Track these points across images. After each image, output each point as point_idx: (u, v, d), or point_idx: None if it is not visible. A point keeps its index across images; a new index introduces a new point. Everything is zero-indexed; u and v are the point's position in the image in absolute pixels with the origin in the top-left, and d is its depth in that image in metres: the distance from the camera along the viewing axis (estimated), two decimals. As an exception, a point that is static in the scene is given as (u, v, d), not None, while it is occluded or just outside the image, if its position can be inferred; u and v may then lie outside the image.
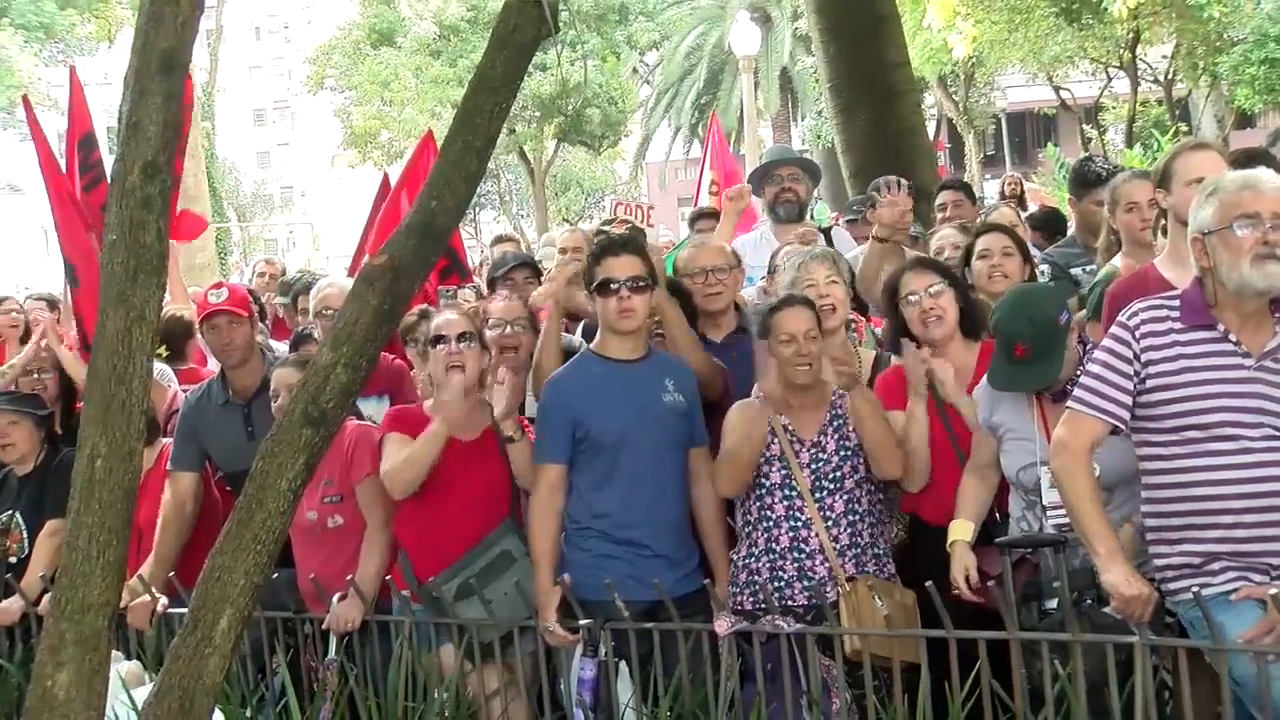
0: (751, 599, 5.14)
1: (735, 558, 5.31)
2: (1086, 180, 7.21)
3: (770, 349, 5.28)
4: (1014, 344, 4.74)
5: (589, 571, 5.19)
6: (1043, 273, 6.37)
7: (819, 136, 33.71)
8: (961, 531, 4.97)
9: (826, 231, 7.94)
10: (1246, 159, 5.42)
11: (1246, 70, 29.10)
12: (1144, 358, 4.12)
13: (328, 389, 3.82)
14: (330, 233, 55.37)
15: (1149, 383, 4.12)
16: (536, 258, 8.43)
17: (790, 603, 5.05)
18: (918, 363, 5.26)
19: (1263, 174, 4.21)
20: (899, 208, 6.28)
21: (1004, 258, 5.90)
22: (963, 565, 4.88)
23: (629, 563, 5.20)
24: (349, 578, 5.56)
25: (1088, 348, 4.74)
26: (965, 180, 10.88)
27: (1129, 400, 4.14)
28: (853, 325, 6.11)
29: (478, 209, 49.77)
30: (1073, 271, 6.61)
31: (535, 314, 6.20)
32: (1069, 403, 4.26)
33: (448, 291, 7.05)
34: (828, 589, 5.04)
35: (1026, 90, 43.71)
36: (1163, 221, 5.27)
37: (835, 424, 5.26)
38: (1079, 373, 4.40)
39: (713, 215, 9.27)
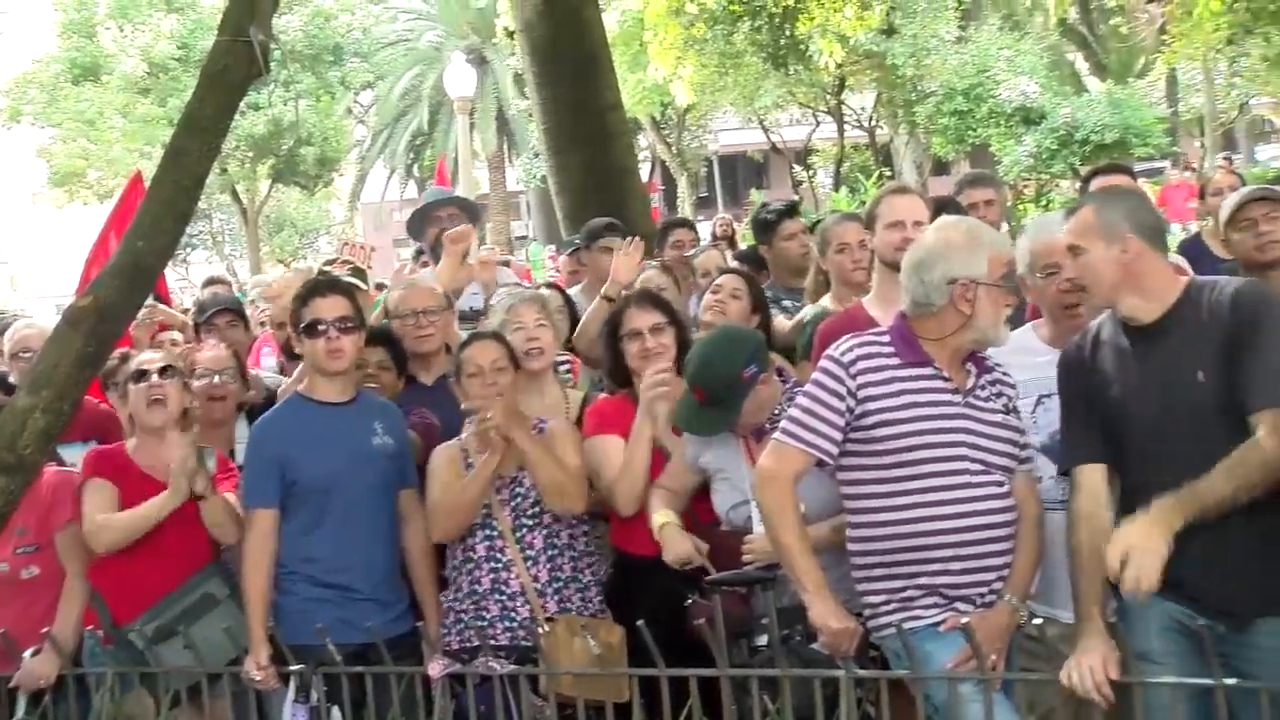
0: (460, 640, 5.11)
1: (445, 599, 5.28)
2: (764, 226, 7.49)
3: (460, 385, 5.29)
4: (697, 388, 4.83)
5: (299, 616, 5.08)
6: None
7: (534, 177, 33.89)
8: (665, 516, 5.00)
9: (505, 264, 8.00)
10: (937, 207, 5.66)
11: (940, 120, 30.57)
12: (860, 394, 4.18)
13: (25, 434, 3.67)
14: (32, 273, 53.18)
15: (869, 418, 4.18)
16: (250, 298, 8.27)
17: (494, 642, 5.01)
18: (652, 387, 5.28)
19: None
20: (634, 263, 6.39)
21: (731, 299, 5.99)
22: (678, 544, 4.91)
23: (339, 606, 5.11)
24: (44, 631, 5.29)
25: (790, 386, 4.87)
26: (688, 220, 11.12)
27: (838, 435, 4.20)
28: (567, 366, 6.13)
29: (189, 249, 48.43)
30: (784, 304, 6.76)
31: (242, 360, 6.07)
32: (775, 434, 4.31)
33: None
34: (532, 630, 5.02)
35: (738, 133, 44.80)
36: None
37: None
38: (780, 407, 4.49)
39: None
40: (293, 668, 4.98)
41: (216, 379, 5.93)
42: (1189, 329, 3.93)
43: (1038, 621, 3.95)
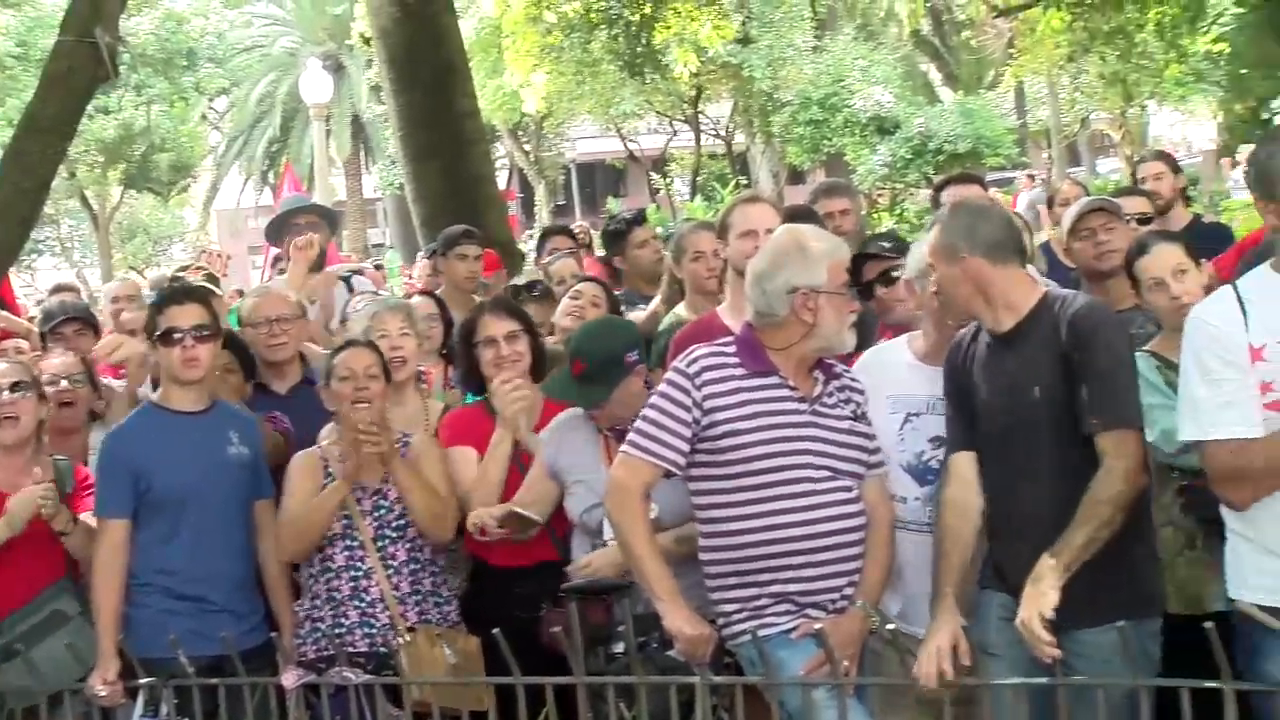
0: (315, 649, 5.06)
1: (299, 609, 5.23)
2: (615, 236, 7.57)
3: (330, 391, 5.23)
4: (576, 359, 4.85)
5: (151, 628, 4.98)
6: None
7: (391, 183, 33.63)
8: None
9: (347, 279, 7.93)
10: (792, 216, 5.72)
11: (795, 129, 30.92)
12: (706, 405, 4.20)
13: None
14: None
15: (715, 429, 4.21)
16: (99, 306, 8.11)
17: (352, 649, 4.97)
18: (507, 396, 5.27)
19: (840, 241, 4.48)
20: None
21: (591, 306, 6.07)
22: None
23: (193, 617, 5.02)
24: None
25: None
26: (567, 228, 11.17)
27: (685, 446, 4.22)
28: (422, 377, 6.11)
29: (35, 255, 47.22)
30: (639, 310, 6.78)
31: (92, 367, 5.95)
32: (624, 446, 4.33)
33: None
34: (391, 638, 5.00)
35: (596, 141, 44.82)
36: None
37: None
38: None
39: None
40: (141, 681, 4.90)
41: (64, 384, 5.81)
42: (1035, 342, 4.07)
43: (890, 626, 4.02)
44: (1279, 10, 10.77)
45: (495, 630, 4.37)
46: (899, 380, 4.58)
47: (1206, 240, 6.69)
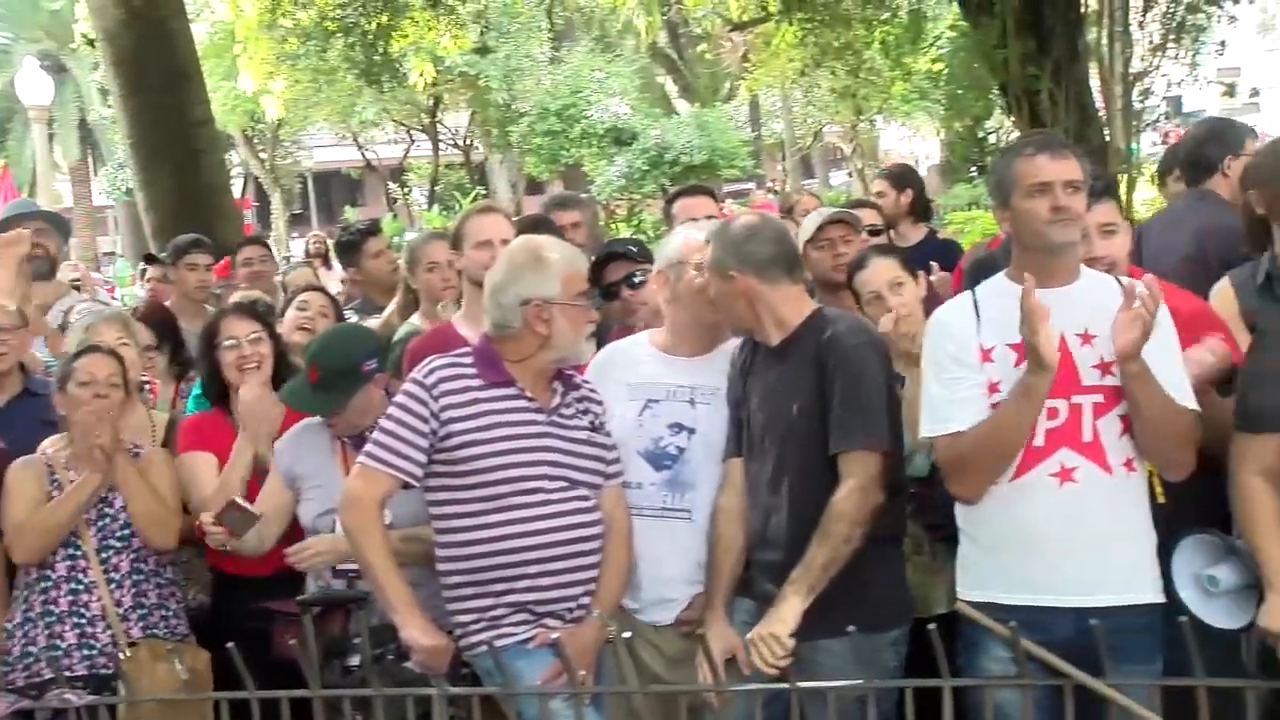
0: (28, 675, 4.89)
1: (9, 625, 5.02)
2: (349, 247, 7.52)
3: (66, 397, 5.08)
4: (312, 367, 4.80)
5: None
6: None
7: (121, 189, 32.58)
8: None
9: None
10: (531, 226, 5.76)
11: (533, 140, 31.03)
12: (443, 415, 4.19)
13: None
14: None
15: (451, 439, 4.20)
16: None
17: (70, 673, 4.82)
18: (256, 401, 5.19)
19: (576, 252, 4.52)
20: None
21: (319, 316, 6.00)
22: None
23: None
24: None
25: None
26: (265, 238, 11.01)
27: (422, 457, 4.20)
28: (146, 387, 5.95)
29: None
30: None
31: None
32: (360, 457, 4.31)
33: None
34: (114, 656, 4.86)
35: (334, 150, 44.20)
36: None
37: None
38: None
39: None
40: None
41: None
42: (799, 358, 4.19)
43: (628, 635, 4.08)
44: (987, 36, 11.24)
45: (230, 644, 4.30)
46: (639, 370, 4.63)
47: (939, 255, 6.97)
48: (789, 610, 3.95)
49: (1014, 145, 4.13)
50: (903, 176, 8.10)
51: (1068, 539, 3.73)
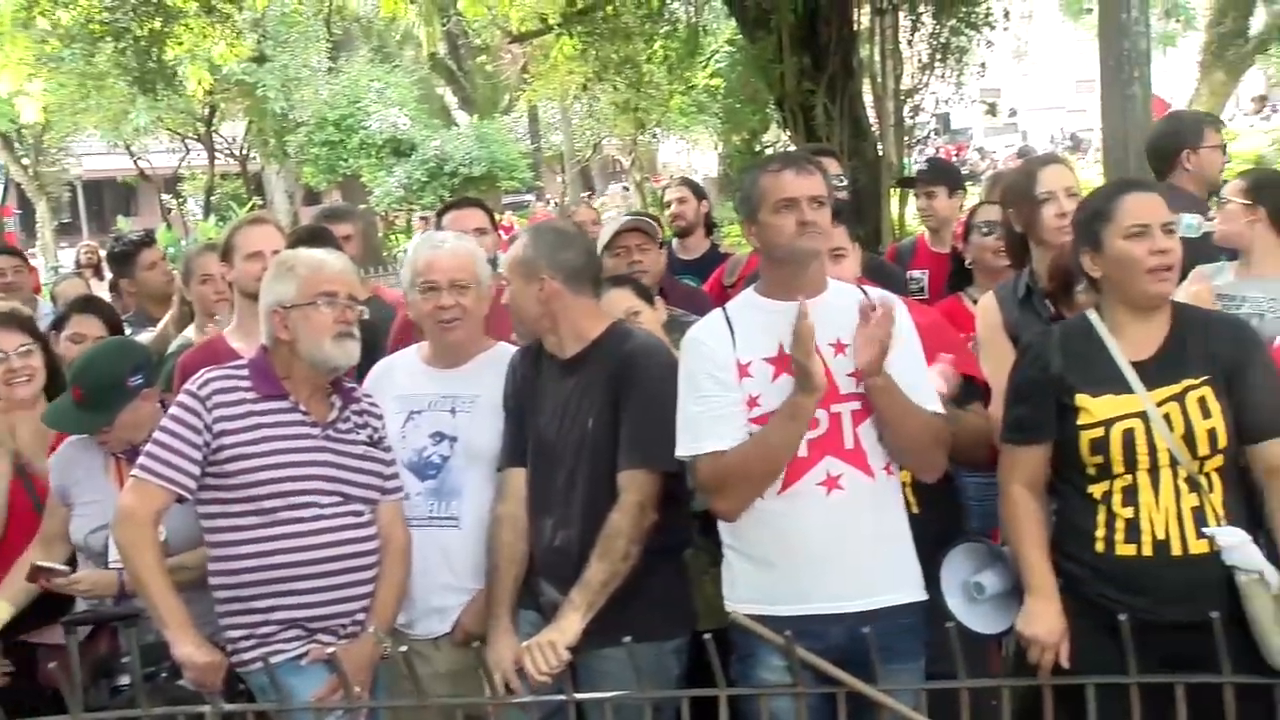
0: None
1: None
2: (122, 258, 7.37)
3: None
4: (75, 386, 4.69)
5: None
6: None
7: None
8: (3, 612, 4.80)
9: None
10: (311, 237, 5.69)
11: (311, 150, 30.60)
12: (216, 428, 4.12)
13: None
14: None
15: (224, 452, 4.13)
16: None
17: None
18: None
19: (329, 255, 4.45)
20: None
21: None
22: None
23: None
24: None
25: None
26: (21, 249, 10.56)
27: (196, 470, 4.13)
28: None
29: None
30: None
31: None
32: (134, 470, 4.20)
33: None
34: None
35: (105, 158, 42.93)
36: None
37: None
38: None
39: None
40: None
41: None
42: (594, 372, 4.20)
43: (403, 649, 4.04)
44: (763, 51, 11.45)
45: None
46: (404, 382, 4.63)
47: (720, 266, 7.07)
48: (569, 625, 3.97)
49: (760, 162, 4.18)
50: (698, 187, 8.23)
51: (838, 546, 3.79)
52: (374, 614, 4.28)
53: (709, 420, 3.82)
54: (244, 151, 35.99)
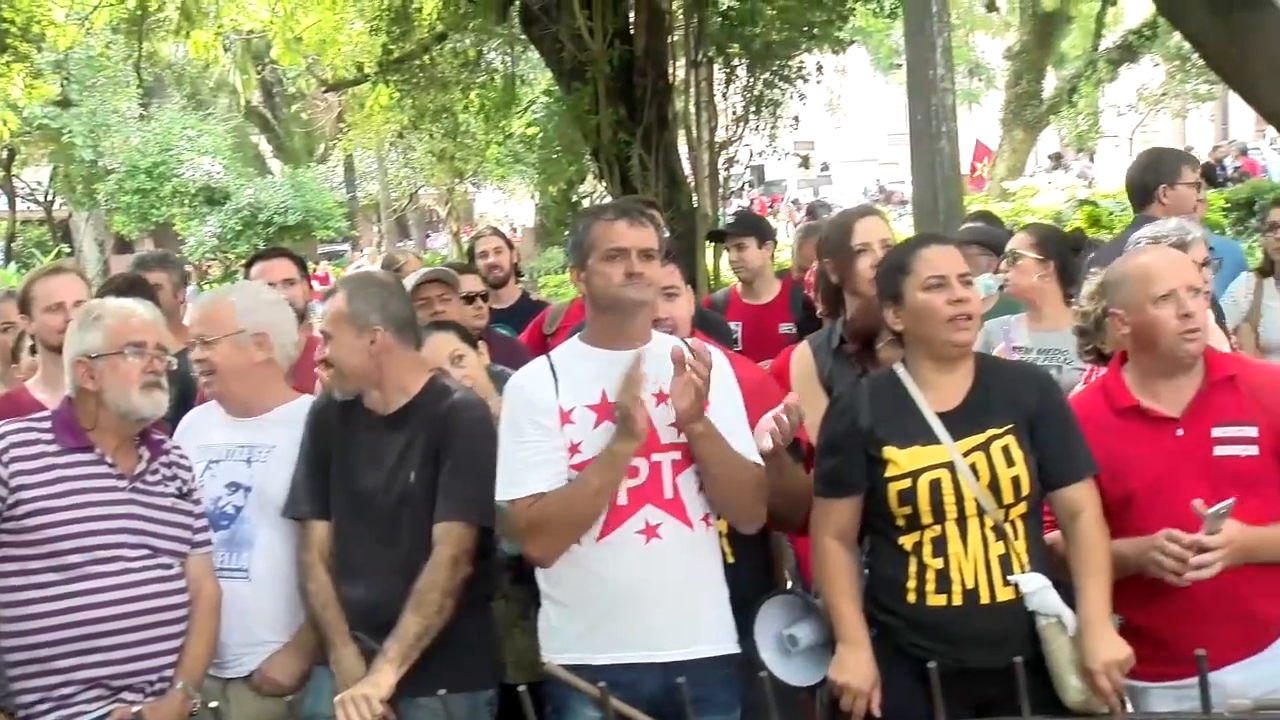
0: None
1: None
2: None
3: None
4: None
5: None
6: None
7: None
8: None
9: None
10: (130, 287, 5.57)
11: (121, 198, 29.99)
12: (13, 482, 3.99)
13: None
14: None
15: (21, 508, 3.99)
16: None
17: None
18: None
19: (138, 305, 4.35)
20: None
21: None
22: None
23: None
24: None
25: None
26: None
27: None
28: None
29: None
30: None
31: None
32: None
33: None
34: None
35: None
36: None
37: None
38: None
39: None
40: None
41: None
42: (416, 426, 4.18)
43: (214, 705, 3.95)
44: (579, 102, 11.53)
45: None
46: (207, 431, 4.58)
47: (533, 315, 7.07)
48: (383, 678, 3.92)
49: (593, 209, 4.22)
50: (508, 238, 8.25)
51: (654, 595, 3.80)
52: (183, 668, 4.17)
53: (529, 465, 3.81)
54: (49, 197, 35.10)
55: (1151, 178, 6.27)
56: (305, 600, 4.27)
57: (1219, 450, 3.81)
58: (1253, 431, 3.80)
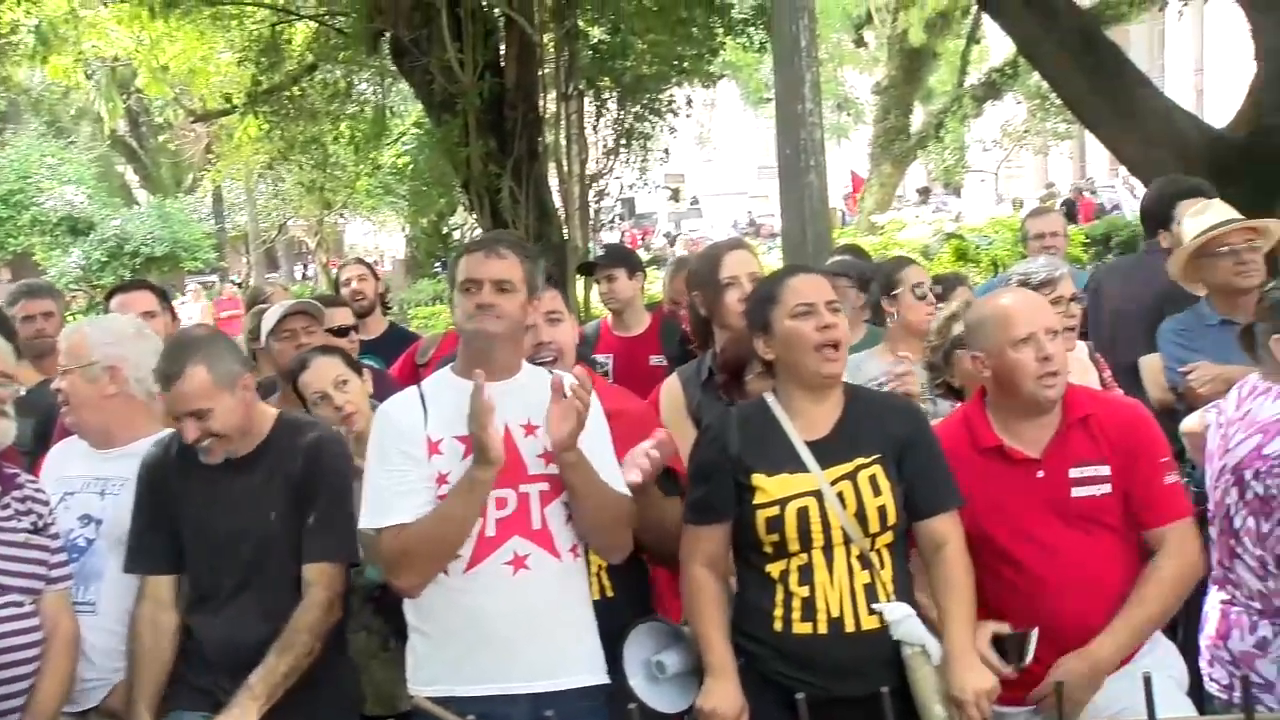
0: None
1: None
2: None
3: None
4: None
5: None
6: None
7: None
8: None
9: None
10: None
11: None
12: None
13: None
14: None
15: None
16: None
17: None
18: None
19: None
20: None
21: None
22: None
23: None
24: None
25: None
26: None
27: None
28: None
29: None
30: None
31: None
32: None
33: None
34: None
35: None
36: None
37: None
38: None
39: None
40: None
41: None
42: (270, 467, 4.16)
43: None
44: (449, 134, 11.50)
45: None
46: (69, 463, 4.55)
47: (402, 346, 7.03)
48: (246, 713, 3.89)
49: (469, 242, 4.24)
50: (372, 267, 8.22)
51: (522, 626, 3.79)
52: (35, 708, 4.07)
53: (396, 494, 3.78)
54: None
55: (1166, 207, 6.35)
56: (128, 649, 4.24)
57: (1075, 491, 3.89)
58: (1106, 470, 3.89)
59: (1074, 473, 3.89)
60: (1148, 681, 1.91)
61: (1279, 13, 10.04)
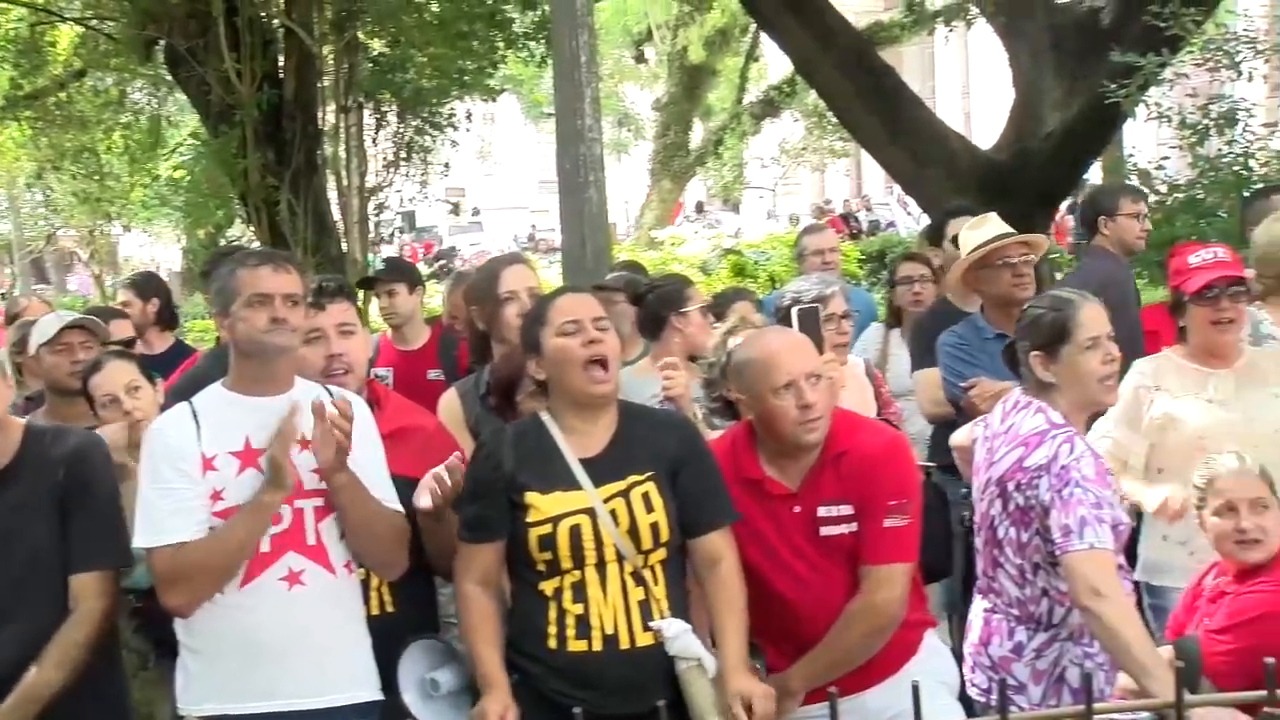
0: None
1: None
2: None
3: None
4: None
5: None
6: None
7: None
8: None
9: None
10: None
11: None
12: None
13: None
14: None
15: None
16: None
17: None
18: None
19: None
20: None
21: None
22: None
23: None
24: None
25: None
26: None
27: None
28: None
29: None
30: None
31: None
32: None
33: None
34: None
35: None
36: None
37: None
38: None
39: None
40: None
41: None
42: (30, 479, 3.98)
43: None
44: (227, 145, 11.31)
45: None
46: None
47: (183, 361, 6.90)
48: None
49: (237, 255, 4.17)
50: (147, 285, 7.97)
51: (298, 642, 3.78)
52: None
53: (170, 513, 3.74)
54: None
55: (1091, 211, 6.67)
56: None
57: (823, 530, 3.97)
58: (849, 510, 3.96)
59: (822, 511, 3.96)
60: (915, 689, 1.99)
61: (1029, 40, 10.51)
